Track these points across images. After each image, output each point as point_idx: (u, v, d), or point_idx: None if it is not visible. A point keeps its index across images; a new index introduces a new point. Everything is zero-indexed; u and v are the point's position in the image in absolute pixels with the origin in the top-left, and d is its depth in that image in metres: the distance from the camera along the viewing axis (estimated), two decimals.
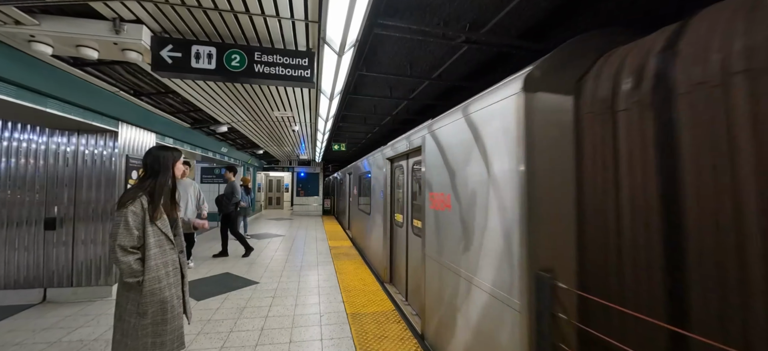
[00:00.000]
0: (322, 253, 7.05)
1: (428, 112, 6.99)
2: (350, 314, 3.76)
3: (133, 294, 1.78)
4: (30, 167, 4.10)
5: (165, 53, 2.78)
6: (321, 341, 3.15)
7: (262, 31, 2.90)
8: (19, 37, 2.55)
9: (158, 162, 1.94)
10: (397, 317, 3.65)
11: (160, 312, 1.81)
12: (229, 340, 3.13)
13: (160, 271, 1.83)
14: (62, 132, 4.20)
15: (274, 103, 5.19)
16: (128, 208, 1.76)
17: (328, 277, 5.28)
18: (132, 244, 1.76)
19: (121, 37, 2.54)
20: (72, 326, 3.40)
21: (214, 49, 2.89)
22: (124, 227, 1.74)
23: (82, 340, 3.12)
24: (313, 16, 2.64)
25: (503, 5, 3.25)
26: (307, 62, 3.08)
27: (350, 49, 3.07)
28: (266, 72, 3.00)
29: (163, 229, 1.89)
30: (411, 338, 3.17)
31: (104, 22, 2.51)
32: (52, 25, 2.45)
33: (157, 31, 2.81)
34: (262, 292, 4.50)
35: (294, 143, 9.90)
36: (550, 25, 3.59)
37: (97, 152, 4.28)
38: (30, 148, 4.11)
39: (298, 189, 17.33)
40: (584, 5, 3.21)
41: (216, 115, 5.94)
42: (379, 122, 9.08)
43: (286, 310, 3.90)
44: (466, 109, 2.45)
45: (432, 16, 3.51)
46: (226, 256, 6.55)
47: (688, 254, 1.27)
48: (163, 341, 1.82)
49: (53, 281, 4.10)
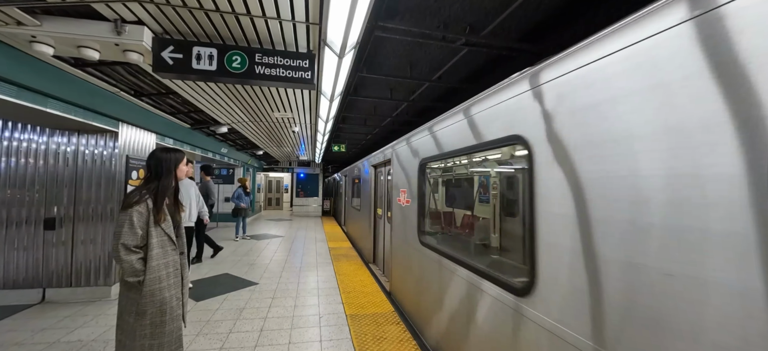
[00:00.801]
0: (322, 255, 7.05)
1: (428, 114, 7.01)
2: (349, 315, 3.76)
3: (133, 294, 1.79)
4: (30, 167, 4.10)
5: (166, 54, 2.79)
6: (320, 343, 3.15)
7: (263, 33, 2.91)
8: (20, 37, 2.56)
9: (161, 164, 1.95)
10: (396, 319, 3.65)
11: (158, 313, 1.81)
12: (228, 341, 3.13)
13: (160, 272, 1.83)
14: (62, 132, 4.21)
15: (274, 104, 5.20)
16: (134, 208, 1.77)
17: (327, 278, 5.28)
18: (135, 243, 1.76)
19: (123, 38, 2.55)
20: (71, 327, 3.39)
21: (215, 51, 2.90)
22: (128, 226, 1.74)
23: (80, 340, 3.12)
24: (314, 18, 2.66)
25: (503, 9, 3.27)
26: (307, 64, 3.09)
27: (351, 50, 3.08)
28: (267, 73, 3.01)
29: (166, 230, 1.89)
30: (410, 340, 3.17)
31: (106, 23, 2.52)
32: (54, 26, 2.46)
33: (158, 32, 2.82)
34: (262, 293, 4.50)
35: (294, 144, 9.91)
36: (549, 28, 3.61)
37: (98, 152, 4.28)
38: (30, 148, 4.11)
39: (298, 190, 17.32)
40: (582, 10, 3.23)
41: (216, 116, 5.95)
42: (380, 124, 9.09)
43: (285, 311, 3.90)
44: (409, 138, 3.75)
45: (432, 19, 3.53)
46: (200, 262, 6.15)
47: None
48: (160, 343, 1.82)
49: (52, 281, 4.10)
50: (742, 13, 0.87)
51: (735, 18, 0.89)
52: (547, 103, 1.54)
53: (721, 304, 0.89)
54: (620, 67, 1.20)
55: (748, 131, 0.85)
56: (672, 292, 0.99)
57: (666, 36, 1.06)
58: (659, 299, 1.03)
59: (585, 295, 1.29)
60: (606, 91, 1.25)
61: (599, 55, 1.30)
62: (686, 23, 1.00)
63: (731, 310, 0.86)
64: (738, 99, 0.87)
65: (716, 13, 0.93)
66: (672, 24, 1.04)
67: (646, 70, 1.11)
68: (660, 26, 1.08)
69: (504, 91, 1.90)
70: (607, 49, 1.26)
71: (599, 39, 1.31)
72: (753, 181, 0.84)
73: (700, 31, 0.97)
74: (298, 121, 6.44)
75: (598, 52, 1.30)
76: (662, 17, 1.08)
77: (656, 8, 1.11)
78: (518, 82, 1.78)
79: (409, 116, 7.97)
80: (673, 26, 1.04)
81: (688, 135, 0.98)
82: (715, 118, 0.92)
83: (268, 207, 19.43)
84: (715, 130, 0.92)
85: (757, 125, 0.83)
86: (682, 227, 0.98)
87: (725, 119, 0.90)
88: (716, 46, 0.93)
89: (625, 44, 1.19)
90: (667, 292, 1.01)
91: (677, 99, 1.02)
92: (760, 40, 0.83)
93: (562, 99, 1.46)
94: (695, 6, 0.99)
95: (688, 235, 0.96)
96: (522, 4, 3.14)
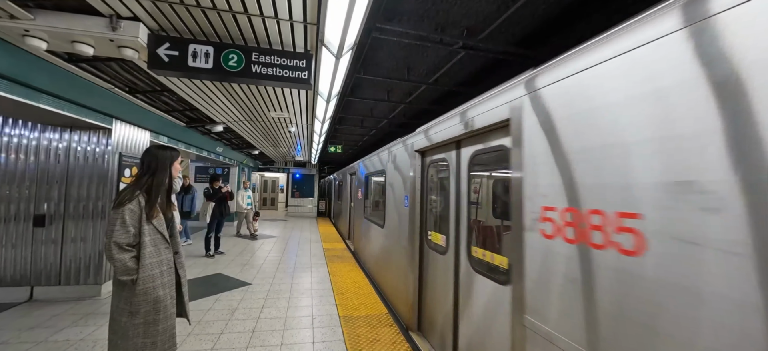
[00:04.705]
0: (316, 255, 7.02)
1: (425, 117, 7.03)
2: (343, 317, 3.74)
3: (125, 293, 1.77)
4: (20, 163, 4.03)
5: (162, 51, 2.77)
6: (313, 344, 3.13)
7: (260, 32, 2.91)
8: (13, 31, 2.53)
9: (157, 160, 1.95)
10: (390, 320, 3.64)
11: (152, 312, 1.79)
12: (219, 342, 3.10)
13: (154, 270, 1.81)
14: (54, 128, 4.15)
15: (270, 103, 5.18)
16: (126, 206, 1.75)
17: (321, 279, 5.25)
18: (128, 241, 1.74)
19: (118, 34, 2.53)
20: (58, 325, 3.33)
21: (211, 49, 2.88)
22: (120, 224, 1.72)
23: (68, 339, 3.07)
24: (311, 18, 2.66)
25: (500, 13, 3.30)
26: (304, 64, 3.08)
27: (348, 51, 3.08)
28: (263, 73, 3.00)
29: (158, 228, 1.87)
30: (403, 342, 3.17)
31: (101, 19, 2.50)
32: (48, 20, 2.43)
33: (154, 29, 2.80)
34: (255, 294, 4.47)
35: (290, 144, 9.87)
36: (546, 34, 3.65)
37: (90, 149, 4.23)
38: (21, 144, 4.05)
39: (293, 190, 17.24)
40: (579, 15, 3.27)
41: (212, 115, 5.91)
42: (376, 125, 9.09)
43: (278, 312, 3.87)
44: (363, 159, 6.28)
45: (430, 22, 3.55)
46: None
47: None
48: (154, 342, 1.80)
49: (41, 279, 4.03)
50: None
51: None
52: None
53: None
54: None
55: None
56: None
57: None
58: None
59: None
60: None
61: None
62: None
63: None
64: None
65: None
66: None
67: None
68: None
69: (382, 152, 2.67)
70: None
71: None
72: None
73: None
74: (295, 121, 6.42)
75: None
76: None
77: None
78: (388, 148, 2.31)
79: (405, 118, 7.99)
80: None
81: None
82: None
83: (262, 207, 19.30)
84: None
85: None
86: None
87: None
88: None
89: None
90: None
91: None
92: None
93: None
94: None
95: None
96: (518, 9, 3.17)
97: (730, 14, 0.90)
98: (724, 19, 0.91)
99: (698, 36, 0.96)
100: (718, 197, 0.89)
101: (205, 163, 11.47)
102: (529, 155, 1.63)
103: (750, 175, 0.83)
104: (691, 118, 0.96)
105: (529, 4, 3.13)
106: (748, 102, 0.84)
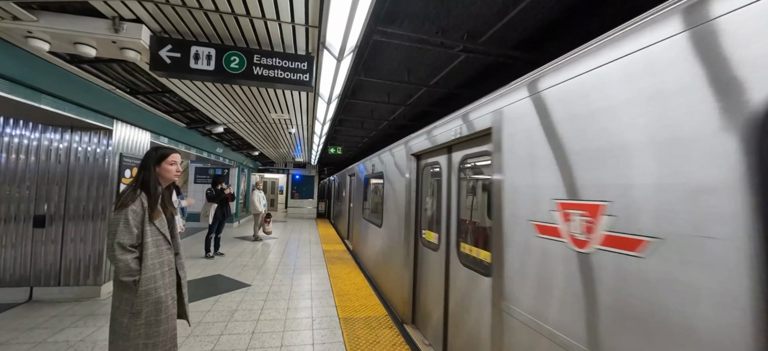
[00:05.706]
0: (316, 257, 7.02)
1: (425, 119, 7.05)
2: (342, 319, 3.74)
3: (127, 294, 1.77)
4: (20, 163, 4.04)
5: (164, 53, 2.78)
6: (312, 346, 3.13)
7: (262, 34, 2.92)
8: (15, 32, 2.54)
9: (144, 159, 1.99)
10: (390, 323, 3.64)
11: (154, 312, 1.80)
12: (219, 343, 3.10)
13: (155, 271, 1.82)
14: (55, 128, 4.15)
15: (271, 105, 5.20)
16: (129, 207, 1.76)
17: (321, 280, 5.25)
18: (131, 242, 1.75)
19: (121, 36, 2.54)
20: (58, 326, 3.33)
21: (213, 51, 2.90)
22: (123, 225, 1.73)
23: (68, 340, 3.06)
24: (313, 21, 2.67)
25: (500, 17, 3.32)
26: (306, 66, 3.10)
27: (349, 54, 3.10)
28: (265, 74, 3.01)
29: (160, 228, 1.88)
30: (403, 344, 3.17)
31: (103, 20, 2.51)
32: (51, 22, 2.44)
33: (156, 30, 2.81)
34: (254, 295, 4.47)
35: (290, 145, 9.88)
36: (545, 37, 3.68)
37: (91, 150, 4.23)
38: (21, 144, 4.05)
39: (293, 191, 17.24)
40: (577, 20, 3.30)
41: (212, 116, 5.92)
42: (376, 127, 9.12)
43: (278, 313, 3.87)
44: (357, 164, 6.64)
45: (430, 25, 3.57)
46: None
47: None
48: (155, 343, 1.80)
49: (40, 280, 4.02)
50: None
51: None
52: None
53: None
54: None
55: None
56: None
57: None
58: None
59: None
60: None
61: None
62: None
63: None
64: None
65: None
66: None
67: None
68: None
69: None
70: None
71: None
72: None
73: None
74: (295, 122, 6.43)
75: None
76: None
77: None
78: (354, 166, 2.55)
79: (405, 120, 8.01)
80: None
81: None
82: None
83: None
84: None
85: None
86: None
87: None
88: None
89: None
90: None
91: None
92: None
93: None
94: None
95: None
96: (519, 13, 3.20)
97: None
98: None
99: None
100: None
101: (205, 164, 11.47)
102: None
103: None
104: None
105: (528, 9, 3.15)
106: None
